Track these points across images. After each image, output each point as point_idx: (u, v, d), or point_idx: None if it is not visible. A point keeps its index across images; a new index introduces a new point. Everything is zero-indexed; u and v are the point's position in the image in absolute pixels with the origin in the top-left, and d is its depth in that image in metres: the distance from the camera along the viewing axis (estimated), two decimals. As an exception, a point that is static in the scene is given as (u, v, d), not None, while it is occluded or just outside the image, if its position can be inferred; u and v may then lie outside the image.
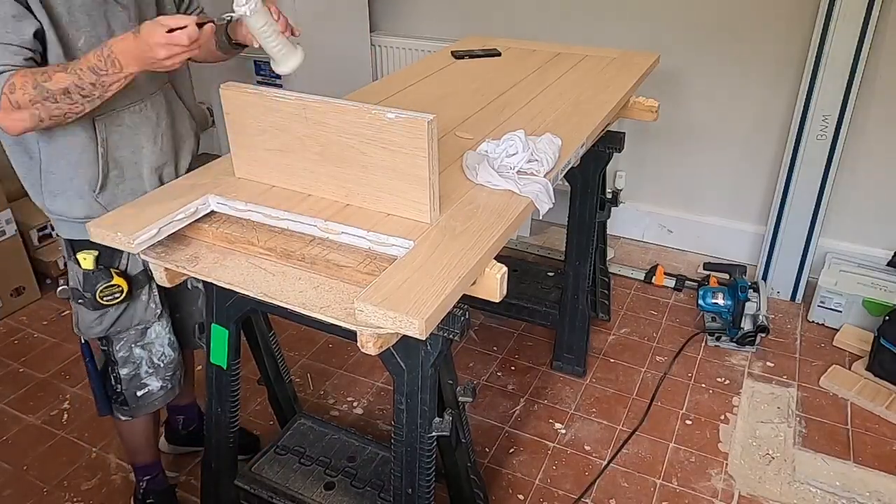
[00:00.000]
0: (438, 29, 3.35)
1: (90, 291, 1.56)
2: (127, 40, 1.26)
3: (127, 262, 1.61)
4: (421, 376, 1.33)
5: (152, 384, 1.75)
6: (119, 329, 1.66)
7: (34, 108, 1.27)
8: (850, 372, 2.50)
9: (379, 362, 1.38)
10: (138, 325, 1.68)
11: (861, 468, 2.13)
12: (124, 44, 1.26)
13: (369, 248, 1.28)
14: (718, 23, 2.80)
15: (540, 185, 1.42)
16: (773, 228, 2.88)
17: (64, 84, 1.26)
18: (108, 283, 1.56)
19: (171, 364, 1.77)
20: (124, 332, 1.67)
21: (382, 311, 1.05)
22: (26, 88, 1.25)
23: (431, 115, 1.21)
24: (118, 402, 1.76)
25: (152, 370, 1.74)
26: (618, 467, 2.16)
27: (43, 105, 1.27)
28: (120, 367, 1.71)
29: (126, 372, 1.71)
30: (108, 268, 1.57)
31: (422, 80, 2.15)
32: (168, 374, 1.77)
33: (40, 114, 1.28)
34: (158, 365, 1.75)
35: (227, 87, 1.39)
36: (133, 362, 1.71)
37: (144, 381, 1.74)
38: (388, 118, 1.23)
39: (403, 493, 1.47)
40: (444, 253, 1.20)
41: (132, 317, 1.66)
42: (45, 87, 1.25)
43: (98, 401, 1.79)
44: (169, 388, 1.79)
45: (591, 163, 2.20)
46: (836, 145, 2.64)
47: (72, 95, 1.28)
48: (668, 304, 2.92)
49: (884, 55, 2.56)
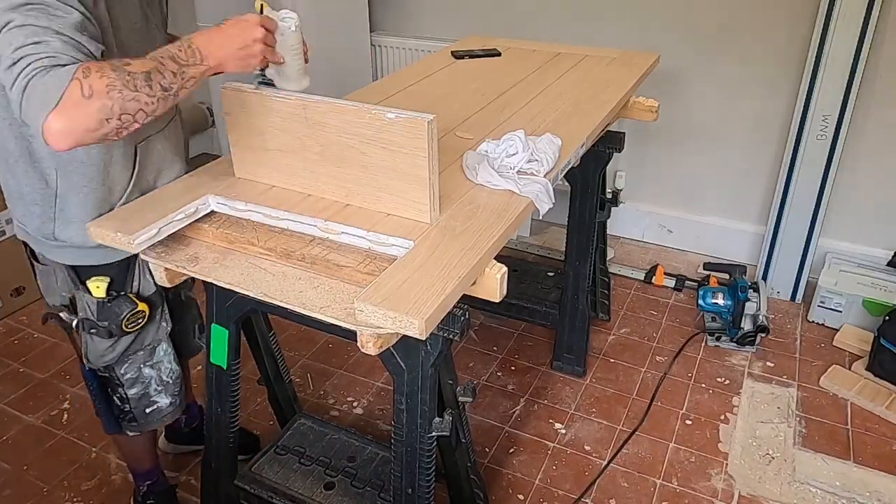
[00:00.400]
0: (438, 29, 3.35)
1: (109, 319, 1.51)
2: (207, 32, 1.22)
3: (139, 284, 1.57)
4: (421, 376, 1.33)
5: (162, 401, 1.73)
6: (130, 353, 1.62)
7: (108, 96, 1.08)
8: (850, 372, 2.50)
9: (379, 362, 1.38)
10: (149, 346, 1.65)
11: (861, 468, 2.13)
12: (205, 35, 1.22)
13: (369, 248, 1.28)
14: (718, 23, 2.80)
15: (540, 185, 1.42)
16: (773, 228, 2.88)
17: (147, 67, 1.13)
18: (133, 311, 1.51)
19: (178, 379, 1.74)
20: (133, 355, 1.63)
21: (382, 311, 1.05)
22: (104, 71, 1.08)
23: (431, 115, 1.21)
24: (126, 419, 1.72)
25: (161, 388, 1.71)
26: (618, 467, 2.16)
27: (120, 93, 1.09)
28: (127, 388, 1.66)
29: (135, 392, 1.68)
30: (125, 294, 1.53)
31: (422, 80, 2.15)
32: (176, 390, 1.75)
33: (112, 106, 1.08)
34: (167, 382, 1.72)
35: (226, 87, 1.39)
36: (142, 382, 1.68)
37: (154, 399, 1.71)
38: (388, 118, 1.23)
39: (403, 493, 1.47)
40: (444, 253, 1.20)
41: (144, 339, 1.63)
42: (126, 69, 1.11)
43: (104, 421, 1.75)
44: (178, 404, 1.77)
45: (591, 163, 2.20)
46: (836, 145, 2.64)
47: (152, 84, 1.13)
48: (668, 304, 2.92)
49: (884, 55, 2.56)
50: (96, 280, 1.49)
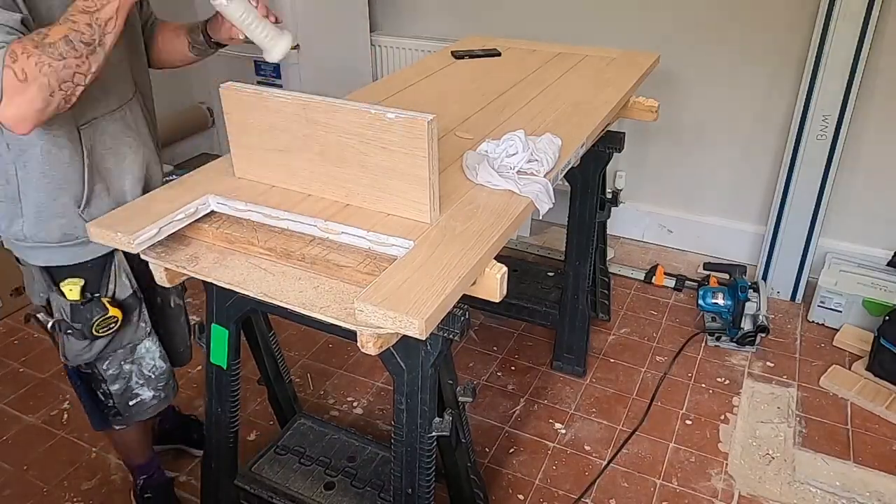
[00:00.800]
0: (438, 29, 3.35)
1: (81, 323, 1.50)
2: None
3: (115, 287, 1.55)
4: (421, 376, 1.33)
5: (144, 394, 1.72)
6: (108, 352, 1.62)
7: (42, 73, 1.12)
8: (850, 372, 2.50)
9: (379, 362, 1.38)
10: (128, 345, 1.64)
11: (861, 468, 2.13)
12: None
13: (369, 248, 1.28)
14: (718, 23, 2.80)
15: (540, 185, 1.42)
16: (773, 228, 2.88)
17: (63, 32, 1.15)
18: (104, 316, 1.51)
19: (162, 375, 1.73)
20: (112, 353, 1.63)
21: (382, 311, 1.05)
22: (28, 50, 1.12)
23: (431, 115, 1.21)
24: (112, 414, 1.73)
25: (143, 381, 1.71)
26: (618, 467, 2.16)
27: (50, 66, 1.13)
28: (110, 383, 1.67)
29: (117, 387, 1.68)
30: (98, 298, 1.51)
31: (422, 80, 2.15)
32: (160, 385, 1.74)
33: (49, 81, 1.13)
34: (150, 376, 1.71)
35: (226, 87, 1.39)
36: (123, 378, 1.68)
37: (136, 392, 1.71)
38: (389, 118, 1.23)
39: (403, 492, 1.47)
40: (444, 253, 1.20)
41: (121, 339, 1.62)
42: (46, 42, 1.13)
43: (91, 417, 1.76)
44: (162, 398, 1.76)
45: (591, 163, 2.20)
46: (836, 145, 2.64)
47: (74, 44, 1.15)
48: (668, 304, 2.92)
49: (884, 55, 2.56)
50: (70, 282, 1.48)
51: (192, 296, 2.47)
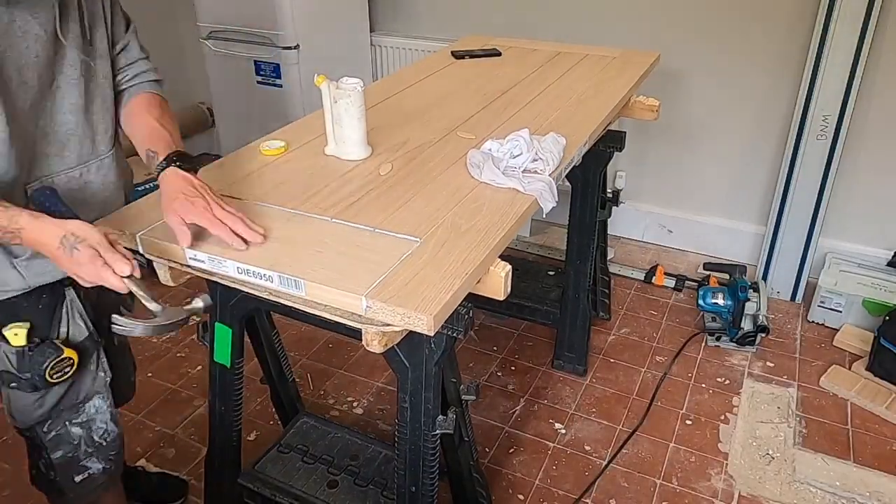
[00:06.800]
0: (438, 29, 3.35)
1: (30, 371, 1.30)
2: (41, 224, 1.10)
3: (68, 330, 1.37)
4: (425, 374, 1.33)
5: (93, 466, 1.48)
6: (63, 408, 1.41)
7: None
8: (850, 372, 2.50)
9: (379, 362, 1.38)
10: (82, 400, 1.43)
11: (861, 468, 2.14)
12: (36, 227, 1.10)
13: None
14: (719, 22, 2.80)
15: (544, 183, 1.42)
16: (773, 228, 2.89)
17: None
18: (58, 358, 1.31)
19: (114, 442, 1.50)
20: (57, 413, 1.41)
21: (391, 308, 1.05)
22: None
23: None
24: (53, 490, 1.48)
25: (93, 450, 1.47)
26: (618, 467, 2.16)
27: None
28: (51, 451, 1.43)
29: (59, 455, 1.44)
30: (50, 340, 1.33)
31: (422, 80, 2.15)
32: (112, 454, 1.51)
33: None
34: (100, 444, 1.48)
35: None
36: (69, 443, 1.44)
37: (84, 464, 1.47)
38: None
39: (407, 491, 1.47)
40: (450, 250, 1.20)
41: (79, 391, 1.42)
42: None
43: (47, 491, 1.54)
44: (113, 469, 1.52)
45: (591, 162, 2.20)
46: (836, 145, 2.65)
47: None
48: (668, 304, 2.92)
49: (884, 55, 2.57)
50: (14, 327, 1.29)
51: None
